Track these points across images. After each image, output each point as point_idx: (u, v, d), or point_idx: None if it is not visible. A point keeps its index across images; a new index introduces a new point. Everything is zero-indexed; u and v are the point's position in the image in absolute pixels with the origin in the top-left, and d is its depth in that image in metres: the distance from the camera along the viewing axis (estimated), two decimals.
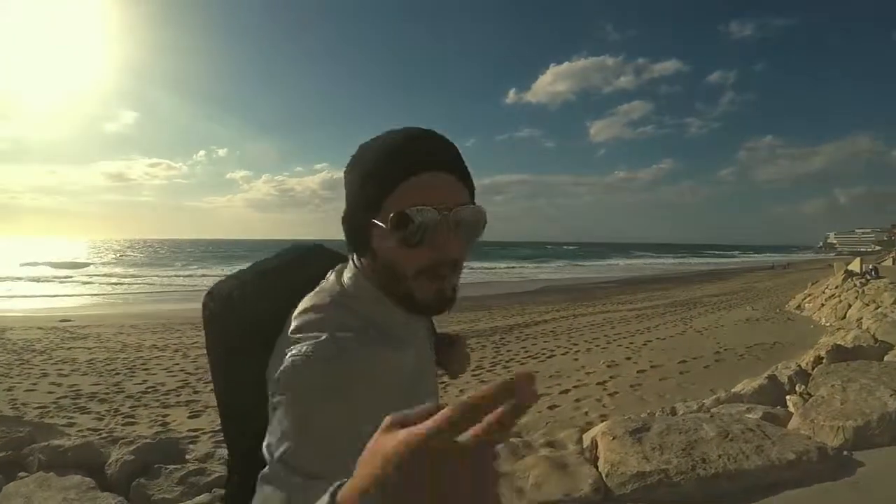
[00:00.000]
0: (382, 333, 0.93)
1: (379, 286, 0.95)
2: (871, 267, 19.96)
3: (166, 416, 7.48)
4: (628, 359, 10.50)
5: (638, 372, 9.37)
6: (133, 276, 42.92)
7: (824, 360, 5.82)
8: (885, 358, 5.96)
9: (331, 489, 0.50)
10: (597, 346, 12.10)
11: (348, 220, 0.97)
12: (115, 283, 36.01)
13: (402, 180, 0.89)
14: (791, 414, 4.54)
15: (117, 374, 9.94)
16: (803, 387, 5.31)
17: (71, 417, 7.33)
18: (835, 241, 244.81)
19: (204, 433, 6.48)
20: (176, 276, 44.54)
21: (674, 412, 5.29)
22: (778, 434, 3.78)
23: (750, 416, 4.41)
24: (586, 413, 7.19)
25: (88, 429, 6.70)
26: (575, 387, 8.59)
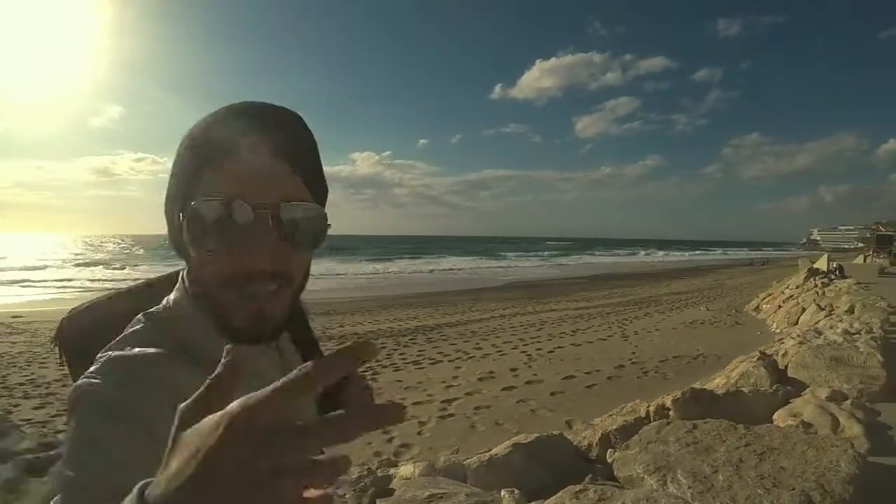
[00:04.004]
0: (198, 357, 0.71)
1: (196, 303, 0.75)
2: (835, 266, 17.33)
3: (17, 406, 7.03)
4: (514, 369, 8.65)
5: (503, 389, 7.54)
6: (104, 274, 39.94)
7: (671, 411, 3.50)
8: (775, 415, 3.59)
9: (137, 487, 0.41)
10: (499, 351, 10.28)
11: (166, 215, 0.75)
12: (89, 280, 33.17)
13: (207, 165, 0.68)
14: None
15: (13, 365, 9.32)
16: (615, 452, 3.06)
17: None
18: (818, 238, 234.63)
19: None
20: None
21: (432, 465, 3.29)
22: None
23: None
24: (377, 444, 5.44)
25: None
26: (414, 403, 6.88)
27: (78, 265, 42.55)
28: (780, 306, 13.38)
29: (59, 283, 29.21)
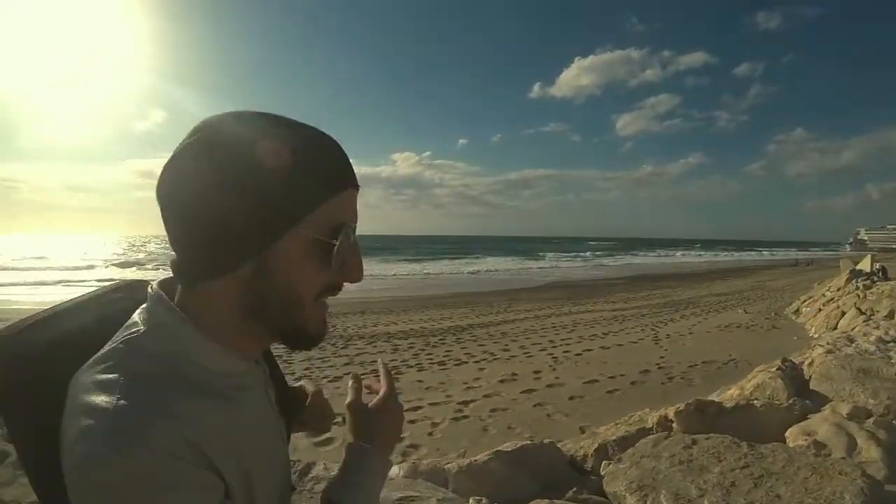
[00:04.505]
0: (204, 381, 0.72)
1: (232, 326, 0.75)
2: (878, 266, 16.43)
3: None
4: (537, 372, 8.38)
5: (522, 392, 7.31)
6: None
7: (674, 425, 3.27)
8: (787, 433, 3.24)
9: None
10: (526, 353, 9.99)
11: (224, 230, 0.69)
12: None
13: (333, 194, 0.74)
14: None
15: None
16: (610, 463, 2.90)
17: None
18: (865, 238, 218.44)
19: None
20: None
21: (416, 467, 3.10)
22: None
23: None
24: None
25: None
26: (430, 404, 6.78)
27: (118, 265, 43.54)
28: (819, 309, 12.69)
29: (98, 283, 29.89)
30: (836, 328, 10.11)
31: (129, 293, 0.92)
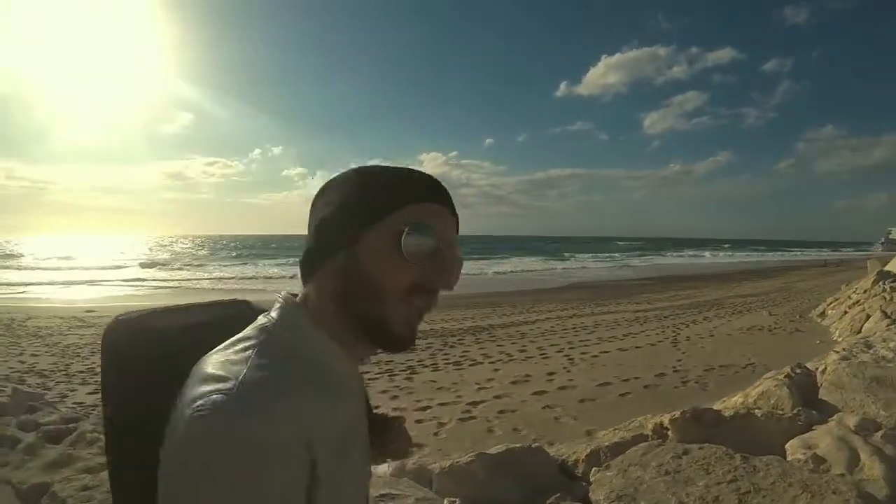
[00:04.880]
0: (321, 374, 0.78)
1: (334, 316, 0.81)
2: None
3: (74, 390, 7.54)
4: (551, 374, 8.30)
5: (533, 393, 7.24)
6: (181, 272, 40.95)
7: (669, 433, 3.12)
8: (787, 445, 3.05)
9: None
10: (542, 354, 9.91)
11: (328, 227, 0.82)
12: (161, 280, 34.24)
13: (415, 202, 0.82)
14: None
15: (77, 355, 9.96)
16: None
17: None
18: None
19: None
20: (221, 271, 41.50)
21: (403, 466, 2.99)
22: None
23: None
24: None
25: None
26: (440, 404, 6.81)
27: (144, 266, 44.22)
28: (845, 312, 12.22)
29: (129, 283, 30.37)
30: (860, 332, 9.75)
31: (238, 308, 1.00)
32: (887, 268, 15.98)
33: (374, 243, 0.78)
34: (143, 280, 32.10)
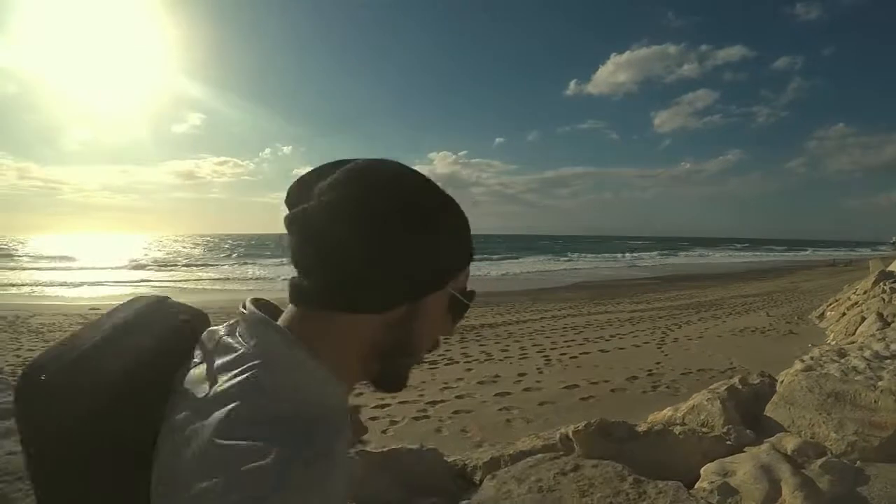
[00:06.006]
0: (322, 415, 0.65)
1: (358, 359, 0.71)
2: None
3: None
4: (521, 375, 8.01)
5: (495, 395, 6.98)
6: (188, 270, 40.70)
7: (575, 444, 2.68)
8: (702, 470, 2.61)
9: None
10: (522, 354, 9.55)
11: (389, 271, 0.67)
12: (173, 279, 34.08)
13: (471, 261, 0.78)
14: None
15: None
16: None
17: None
18: None
19: None
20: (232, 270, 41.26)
21: None
22: None
23: None
24: None
25: None
26: (400, 402, 6.58)
27: (153, 265, 44.42)
28: (843, 314, 11.56)
29: (134, 282, 30.44)
30: (854, 334, 9.17)
31: (160, 306, 0.81)
32: (890, 268, 15.21)
33: (435, 302, 0.72)
34: (149, 280, 32.22)
